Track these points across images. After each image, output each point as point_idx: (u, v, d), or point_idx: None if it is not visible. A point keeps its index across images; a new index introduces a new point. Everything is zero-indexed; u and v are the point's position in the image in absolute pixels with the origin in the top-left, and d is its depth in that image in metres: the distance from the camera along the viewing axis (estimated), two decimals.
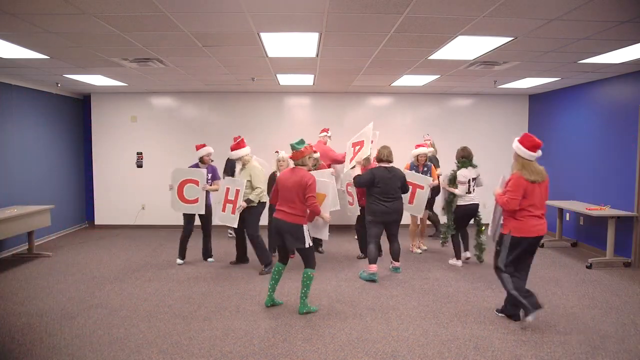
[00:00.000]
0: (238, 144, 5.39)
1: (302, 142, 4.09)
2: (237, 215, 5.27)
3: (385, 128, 8.20)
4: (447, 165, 6.43)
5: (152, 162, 8.17)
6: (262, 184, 5.39)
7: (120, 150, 8.24)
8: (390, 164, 5.21)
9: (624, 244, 5.80)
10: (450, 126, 8.27)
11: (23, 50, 4.64)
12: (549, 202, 6.60)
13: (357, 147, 5.54)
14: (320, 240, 6.31)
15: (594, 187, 6.48)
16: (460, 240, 5.80)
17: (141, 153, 8.24)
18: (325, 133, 7.12)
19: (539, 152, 3.77)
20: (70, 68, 5.66)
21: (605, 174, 6.24)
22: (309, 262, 4.12)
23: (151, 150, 8.21)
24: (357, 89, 7.84)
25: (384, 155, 5.18)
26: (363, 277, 5.18)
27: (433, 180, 5.90)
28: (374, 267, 5.09)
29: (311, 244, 4.08)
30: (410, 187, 5.50)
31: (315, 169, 5.74)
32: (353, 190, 5.62)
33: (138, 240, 7.24)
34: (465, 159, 5.61)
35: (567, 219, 7.07)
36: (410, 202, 5.67)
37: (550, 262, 5.94)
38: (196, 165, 5.78)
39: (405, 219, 6.77)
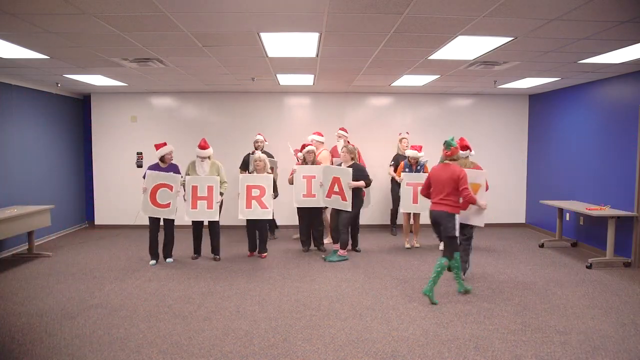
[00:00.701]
0: (206, 143, 5.85)
1: (453, 139, 4.59)
2: (216, 209, 5.71)
3: (385, 128, 8.23)
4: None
5: (152, 162, 8.10)
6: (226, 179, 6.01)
7: (120, 150, 8.24)
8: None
9: (624, 244, 5.80)
10: (450, 126, 8.26)
11: (23, 50, 4.64)
12: (548, 202, 6.72)
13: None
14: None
15: (594, 187, 6.47)
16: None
17: (141, 153, 8.24)
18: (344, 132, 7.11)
19: (467, 152, 5.06)
20: (70, 68, 5.66)
21: (605, 174, 6.24)
22: (448, 250, 4.46)
23: (151, 150, 8.15)
24: (357, 89, 7.83)
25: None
26: (334, 260, 5.84)
27: None
28: (345, 252, 5.97)
29: (457, 235, 4.42)
30: (411, 187, 6.06)
31: (312, 164, 6.28)
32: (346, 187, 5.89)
33: (138, 240, 7.24)
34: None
35: (567, 219, 7.07)
36: (415, 202, 6.06)
37: (550, 262, 5.94)
38: (156, 165, 5.79)
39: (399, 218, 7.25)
